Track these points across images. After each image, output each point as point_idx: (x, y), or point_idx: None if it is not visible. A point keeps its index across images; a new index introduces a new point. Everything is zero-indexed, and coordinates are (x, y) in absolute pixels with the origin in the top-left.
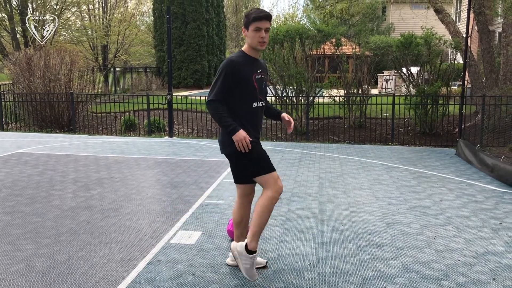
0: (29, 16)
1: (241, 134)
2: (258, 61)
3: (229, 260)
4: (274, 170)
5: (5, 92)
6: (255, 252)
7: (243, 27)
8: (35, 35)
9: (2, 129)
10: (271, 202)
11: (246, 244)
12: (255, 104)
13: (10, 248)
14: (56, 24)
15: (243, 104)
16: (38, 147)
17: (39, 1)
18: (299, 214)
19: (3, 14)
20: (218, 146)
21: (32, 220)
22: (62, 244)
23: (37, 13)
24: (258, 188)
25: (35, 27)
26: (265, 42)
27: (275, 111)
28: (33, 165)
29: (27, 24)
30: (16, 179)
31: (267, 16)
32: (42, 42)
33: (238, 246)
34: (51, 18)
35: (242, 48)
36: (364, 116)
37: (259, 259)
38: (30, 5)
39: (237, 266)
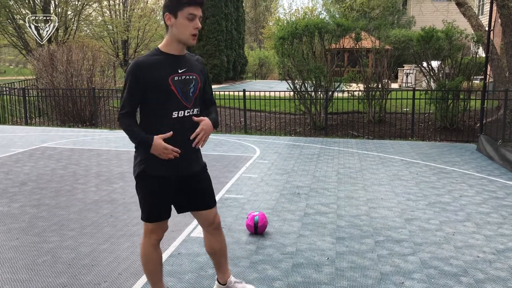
0: (29, 16)
1: (158, 144)
2: (183, 58)
3: None
4: (155, 220)
5: (29, 88)
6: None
7: (166, 12)
8: (35, 35)
9: (27, 124)
10: (142, 250)
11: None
12: (176, 114)
13: (37, 239)
14: (56, 25)
15: (160, 115)
16: (62, 142)
17: (41, 18)
18: (318, 209)
19: (27, 11)
20: (237, 141)
21: (57, 213)
22: (86, 237)
23: (59, 9)
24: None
25: (35, 27)
26: (197, 35)
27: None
28: (57, 159)
29: (27, 24)
30: (41, 173)
31: (203, 1)
32: (42, 42)
33: None
34: (51, 18)
35: (159, 45)
36: (384, 111)
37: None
38: (52, 2)
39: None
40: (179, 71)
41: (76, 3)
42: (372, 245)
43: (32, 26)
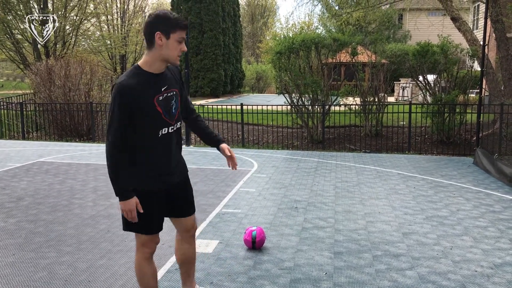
0: (29, 16)
1: (131, 204)
2: (164, 75)
3: None
4: (147, 233)
5: (26, 102)
6: None
7: (158, 32)
8: (35, 35)
9: (24, 138)
10: (137, 265)
11: None
12: (161, 132)
13: (33, 255)
14: (56, 25)
15: (147, 134)
16: (59, 156)
17: (59, 12)
18: (316, 223)
19: (25, 26)
20: (235, 155)
21: (54, 228)
22: (83, 252)
23: (58, 24)
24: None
25: (35, 27)
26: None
27: (213, 136)
28: (54, 174)
29: (27, 25)
30: (38, 188)
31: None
32: (42, 42)
33: None
34: (51, 18)
35: (139, 63)
36: (381, 125)
37: None
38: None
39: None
40: (162, 90)
41: (75, 17)
42: (370, 260)
43: (33, 26)
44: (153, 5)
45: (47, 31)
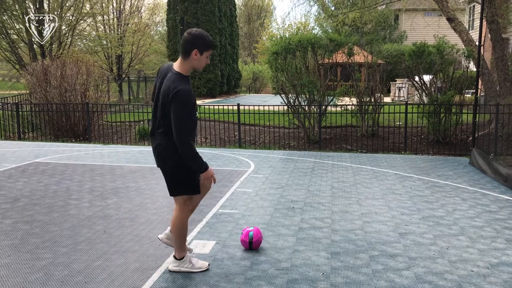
0: (29, 16)
1: (211, 171)
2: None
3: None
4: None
5: (22, 102)
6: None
7: (195, 49)
8: (35, 35)
9: (20, 139)
10: (180, 220)
11: (174, 256)
12: (196, 115)
13: (29, 256)
14: (56, 24)
15: (195, 120)
16: (55, 157)
17: (55, 13)
18: (312, 224)
19: (21, 26)
20: (231, 155)
21: (50, 229)
22: (79, 253)
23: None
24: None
25: (35, 27)
26: None
27: None
28: (50, 174)
29: (27, 24)
30: (34, 189)
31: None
32: (42, 42)
33: (174, 264)
34: (51, 18)
35: (180, 71)
36: (377, 125)
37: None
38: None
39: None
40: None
41: (71, 18)
42: (367, 260)
43: (33, 26)
44: (149, 5)
45: (47, 30)
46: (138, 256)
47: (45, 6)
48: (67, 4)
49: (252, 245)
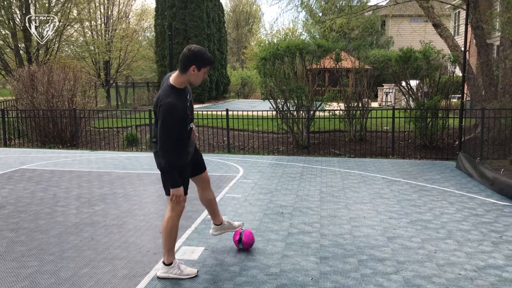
0: (29, 16)
1: (181, 189)
2: (186, 88)
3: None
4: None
5: (8, 108)
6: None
7: (193, 65)
8: (35, 35)
9: (5, 145)
10: (170, 220)
11: (163, 261)
12: (190, 126)
13: (14, 265)
14: (56, 24)
15: (185, 130)
16: (41, 163)
17: (42, 18)
18: (301, 228)
19: (7, 31)
20: (220, 160)
21: (36, 237)
22: (66, 261)
23: (40, 30)
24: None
25: (36, 27)
26: None
27: None
28: (37, 181)
29: (27, 24)
30: (20, 196)
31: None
32: (42, 42)
33: (163, 270)
34: (51, 18)
35: (174, 83)
36: (365, 130)
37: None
38: (33, 22)
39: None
40: (187, 99)
41: (58, 23)
42: (356, 264)
43: (33, 26)
44: (137, 11)
45: (47, 31)
46: (126, 263)
47: (32, 11)
48: (54, 10)
49: (241, 242)
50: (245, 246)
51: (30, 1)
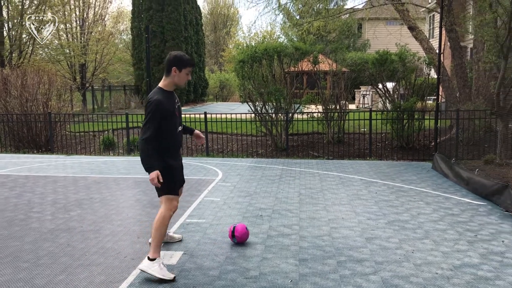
0: (29, 15)
1: (155, 173)
2: (174, 92)
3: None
4: (176, 193)
5: None
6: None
7: (174, 67)
8: (35, 35)
9: None
10: (162, 218)
11: (148, 256)
12: (178, 129)
13: None
14: (56, 24)
15: (173, 131)
16: (15, 169)
17: (15, 21)
18: (280, 231)
19: None
20: (199, 164)
21: (10, 244)
22: (41, 268)
23: (13, 32)
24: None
25: (36, 27)
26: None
27: (186, 127)
28: (10, 187)
29: (26, 24)
30: None
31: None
32: (42, 42)
33: (145, 263)
34: (51, 17)
35: (161, 86)
36: (343, 132)
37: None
38: (6, 25)
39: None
40: (175, 101)
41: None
42: (335, 266)
43: (32, 26)
44: (113, 13)
45: (47, 30)
46: (103, 269)
47: (4, 13)
48: (28, 12)
49: (234, 234)
50: (238, 239)
51: (2, 3)
